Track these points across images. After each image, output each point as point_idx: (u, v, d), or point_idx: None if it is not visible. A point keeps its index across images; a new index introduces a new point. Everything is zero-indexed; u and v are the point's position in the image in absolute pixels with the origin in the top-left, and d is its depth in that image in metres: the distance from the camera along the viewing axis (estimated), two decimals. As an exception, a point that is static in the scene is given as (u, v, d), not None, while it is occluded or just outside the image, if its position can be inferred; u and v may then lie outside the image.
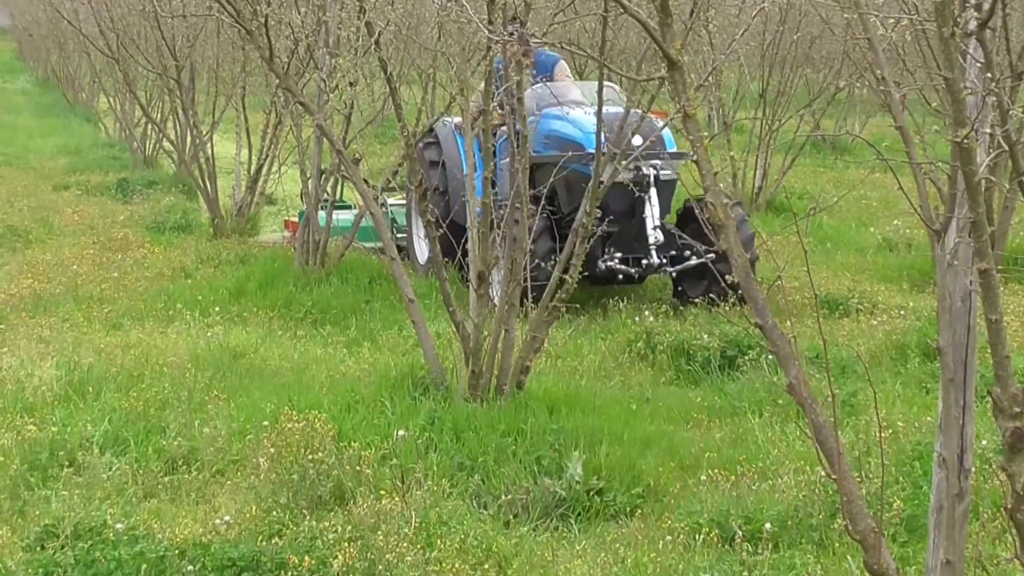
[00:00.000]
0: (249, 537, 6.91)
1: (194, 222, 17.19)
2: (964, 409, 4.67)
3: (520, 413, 8.46)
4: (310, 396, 8.97)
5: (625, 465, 7.92)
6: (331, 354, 10.82)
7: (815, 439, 4.58)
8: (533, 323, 9.02)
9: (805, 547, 6.95)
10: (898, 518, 7.06)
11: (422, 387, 8.94)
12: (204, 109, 18.67)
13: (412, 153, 9.04)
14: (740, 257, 4.58)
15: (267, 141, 16.39)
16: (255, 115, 18.54)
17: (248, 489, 7.71)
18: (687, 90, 4.54)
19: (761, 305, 4.59)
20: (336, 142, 9.82)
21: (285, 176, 16.64)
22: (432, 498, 7.28)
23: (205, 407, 8.95)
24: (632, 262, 12.55)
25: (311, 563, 6.43)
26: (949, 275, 4.59)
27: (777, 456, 8.16)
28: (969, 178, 4.06)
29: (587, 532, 7.35)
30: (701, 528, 7.06)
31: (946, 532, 4.69)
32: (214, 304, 12.25)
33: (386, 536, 6.68)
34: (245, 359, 10.54)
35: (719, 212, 4.52)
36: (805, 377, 4.57)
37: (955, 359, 4.62)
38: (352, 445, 7.83)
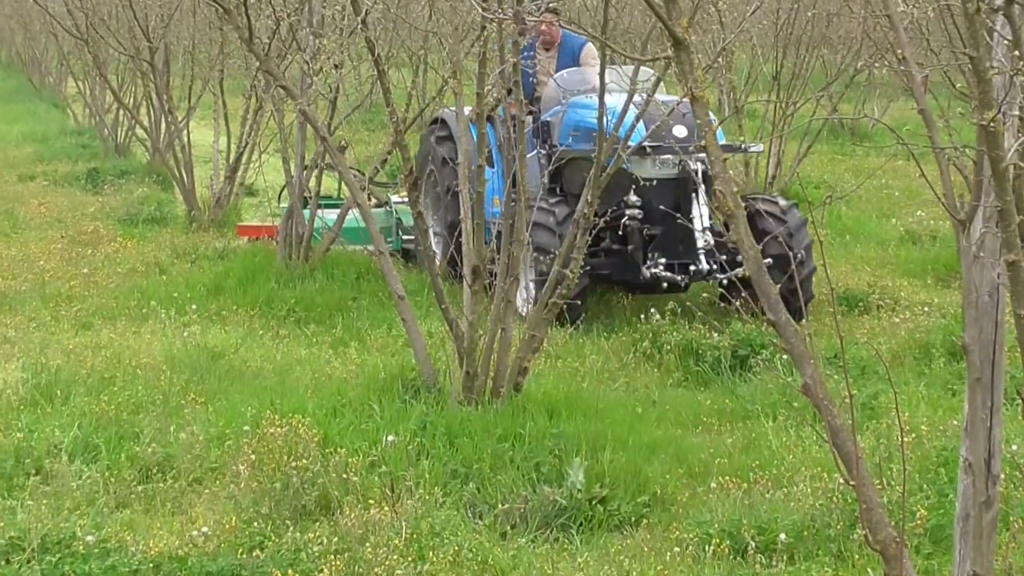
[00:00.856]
0: (228, 550, 6.91)
1: (169, 214, 17.19)
2: (992, 411, 4.67)
3: (518, 417, 8.46)
4: (293, 399, 8.97)
5: (630, 472, 7.92)
6: (316, 355, 10.82)
7: (832, 443, 4.58)
8: (531, 321, 9.02)
9: (822, 559, 6.95)
10: (922, 528, 7.06)
11: (413, 389, 8.94)
12: (179, 94, 18.66)
13: (401, 140, 9.04)
14: (751, 248, 4.59)
15: (247, 128, 16.39)
16: (234, 100, 18.53)
17: (227, 499, 7.71)
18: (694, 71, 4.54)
19: (774, 300, 4.60)
20: (321, 128, 9.82)
21: (266, 165, 16.64)
22: (424, 508, 7.28)
23: (181, 411, 8.95)
24: (679, 269, 11.93)
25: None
26: (975, 268, 4.60)
27: (792, 462, 8.16)
28: (996, 164, 4.06)
29: (589, 543, 7.35)
30: (711, 539, 7.06)
31: (973, 543, 4.69)
32: (191, 302, 12.25)
33: (375, 548, 6.68)
34: (224, 360, 10.53)
35: (729, 201, 4.53)
36: (821, 377, 4.57)
37: (982, 357, 4.63)
38: (338, 451, 7.83)
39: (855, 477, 4.55)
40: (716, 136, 4.70)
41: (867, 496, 4.56)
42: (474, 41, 9.21)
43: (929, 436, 8.28)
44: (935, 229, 15.96)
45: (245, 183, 17.19)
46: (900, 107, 23.83)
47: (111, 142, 22.50)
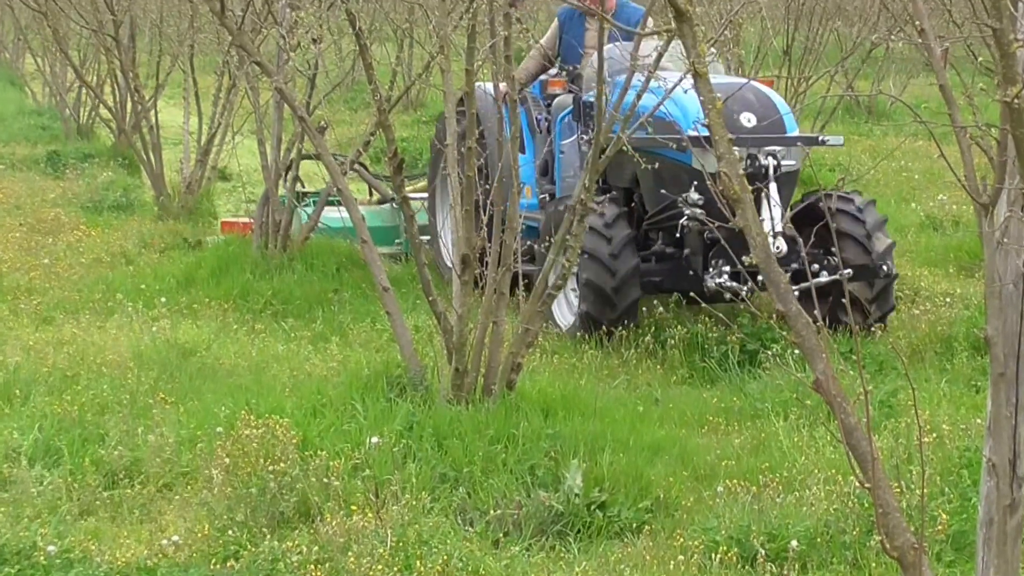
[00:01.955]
0: (201, 560, 6.93)
1: (136, 201, 17.18)
2: (1017, 408, 4.68)
3: (511, 417, 8.47)
4: (270, 399, 8.98)
5: (631, 475, 7.94)
6: (294, 351, 10.83)
7: (846, 443, 4.60)
8: (525, 314, 9.04)
9: (837, 567, 6.98)
10: (943, 534, 7.09)
11: (398, 388, 8.95)
12: (147, 71, 18.67)
13: (385, 120, 9.05)
14: (759, 236, 4.60)
15: (219, 108, 16.38)
16: (205, 78, 18.53)
17: (199, 505, 7.72)
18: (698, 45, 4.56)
19: (784, 291, 4.61)
20: (298, 108, 9.82)
21: (240, 148, 16.63)
22: (411, 514, 7.29)
23: (150, 412, 8.96)
24: (745, 278, 10.89)
25: (272, 589, 6.45)
26: (999, 255, 4.61)
27: (804, 464, 8.18)
28: (1020, 143, 4.07)
29: (588, 552, 7.37)
30: (718, 546, 7.08)
31: (997, 549, 4.71)
32: (160, 294, 12.25)
33: (358, 558, 6.70)
34: (196, 357, 10.55)
35: (735, 184, 4.54)
36: (834, 373, 4.59)
37: (1006, 351, 4.64)
38: (319, 454, 7.85)
39: (871, 479, 4.57)
40: (719, 114, 4.71)
41: (884, 500, 4.58)
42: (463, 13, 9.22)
43: (951, 436, 8.30)
44: (957, 214, 15.98)
45: (217, 167, 17.18)
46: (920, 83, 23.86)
47: (73, 123, 22.48)
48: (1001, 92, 4.01)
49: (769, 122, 11.11)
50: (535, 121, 12.83)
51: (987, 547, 4.73)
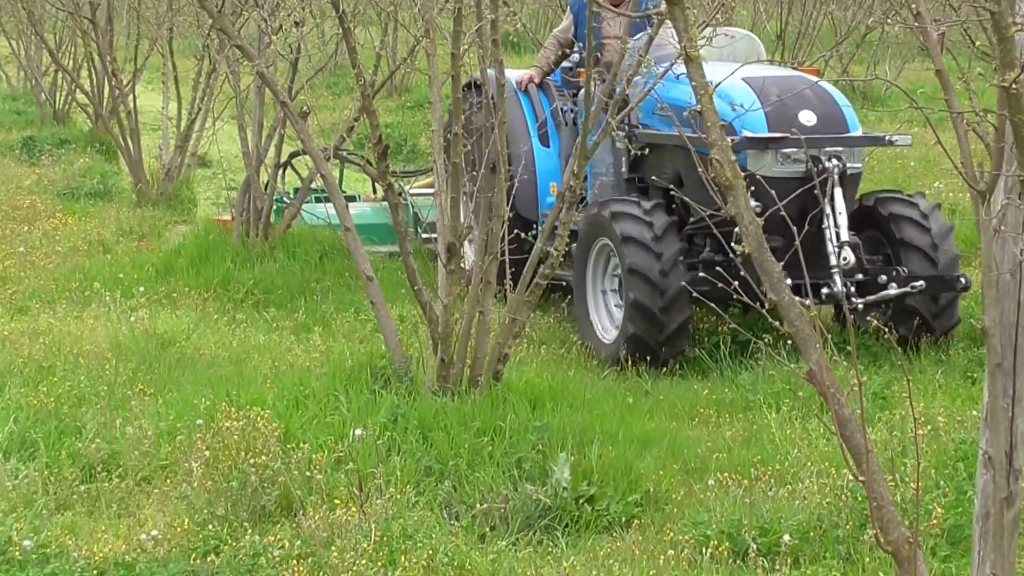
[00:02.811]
0: (180, 555, 6.92)
1: (114, 188, 17.16)
2: (1014, 400, 4.70)
3: (497, 408, 8.47)
4: (251, 390, 8.97)
5: (620, 468, 7.94)
6: (276, 341, 10.83)
7: (840, 435, 4.61)
8: (512, 304, 9.04)
9: (829, 562, 6.98)
10: (938, 528, 7.10)
11: (383, 379, 8.95)
12: (124, 55, 18.62)
13: (369, 105, 9.04)
14: (751, 223, 4.61)
15: (199, 92, 16.36)
16: (185, 62, 18.48)
17: (179, 499, 7.71)
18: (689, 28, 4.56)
19: (776, 279, 4.62)
20: (280, 93, 9.81)
21: (221, 133, 16.62)
22: (395, 508, 7.29)
23: (128, 404, 8.95)
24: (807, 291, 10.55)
25: (253, 584, 6.45)
26: (996, 243, 4.62)
27: (797, 457, 8.19)
28: (1019, 129, 4.08)
29: (576, 546, 7.37)
30: (709, 541, 7.09)
31: (993, 543, 4.72)
32: (138, 283, 12.24)
33: (341, 552, 6.70)
34: (175, 347, 10.54)
35: (727, 171, 4.55)
36: (828, 363, 4.60)
37: (1003, 341, 4.65)
38: (301, 447, 7.84)
39: (865, 472, 4.58)
40: (712, 100, 4.71)
41: (878, 493, 4.59)
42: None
43: (946, 428, 8.32)
44: (954, 202, 16.00)
45: (197, 153, 17.16)
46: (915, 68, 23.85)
47: (49, 108, 22.43)
48: (999, 77, 4.02)
49: (831, 120, 10.53)
50: (560, 112, 12.23)
51: (983, 541, 4.75)
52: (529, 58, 23.18)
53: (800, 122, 10.41)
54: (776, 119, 10.25)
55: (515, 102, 12.19)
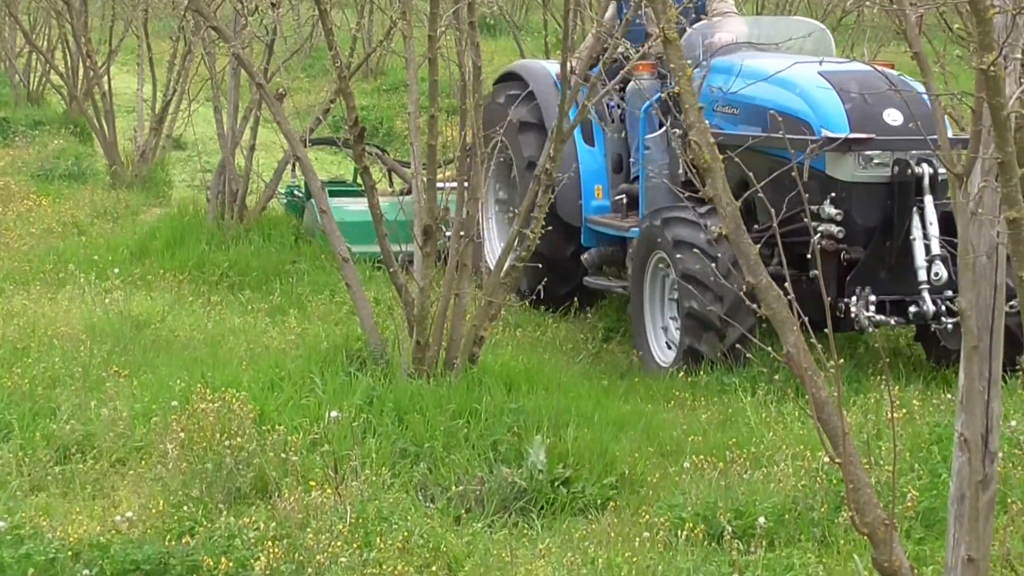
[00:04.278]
0: (155, 536, 6.90)
1: (88, 169, 17.09)
2: (990, 382, 4.71)
3: (473, 391, 8.47)
4: (227, 372, 8.95)
5: (596, 451, 7.94)
6: (251, 323, 10.81)
7: (816, 417, 4.62)
8: (488, 287, 9.03)
9: (805, 544, 7.00)
10: (913, 511, 7.13)
11: (358, 361, 8.94)
12: (99, 36, 18.53)
13: (346, 87, 9.01)
14: (729, 205, 4.61)
15: (174, 74, 16.29)
16: (160, 43, 18.41)
17: (154, 481, 7.70)
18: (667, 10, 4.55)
19: (754, 261, 4.63)
20: (256, 74, 9.78)
21: (196, 116, 16.56)
22: (370, 490, 7.29)
23: (103, 385, 8.92)
24: (893, 308, 9.51)
25: (229, 566, 6.44)
26: (973, 226, 4.63)
27: (773, 440, 8.21)
28: (996, 112, 4.08)
29: (551, 528, 7.38)
30: (684, 523, 7.10)
31: (968, 525, 4.73)
32: (113, 265, 12.19)
33: (317, 534, 6.69)
34: (150, 329, 10.50)
35: (705, 153, 4.54)
36: (805, 345, 4.61)
37: (979, 324, 4.66)
38: (276, 429, 7.83)
39: (841, 454, 4.59)
40: (691, 81, 4.71)
41: (854, 475, 4.61)
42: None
43: (921, 412, 8.35)
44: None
45: (173, 135, 17.10)
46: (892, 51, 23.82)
47: (23, 89, 22.29)
48: (977, 59, 4.02)
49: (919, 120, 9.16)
50: (606, 108, 11.24)
51: (958, 523, 4.76)
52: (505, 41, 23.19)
53: (885, 122, 9.50)
54: (858, 118, 9.38)
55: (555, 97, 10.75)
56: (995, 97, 4.07)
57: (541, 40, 20.56)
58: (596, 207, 10.90)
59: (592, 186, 11.10)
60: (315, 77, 22.73)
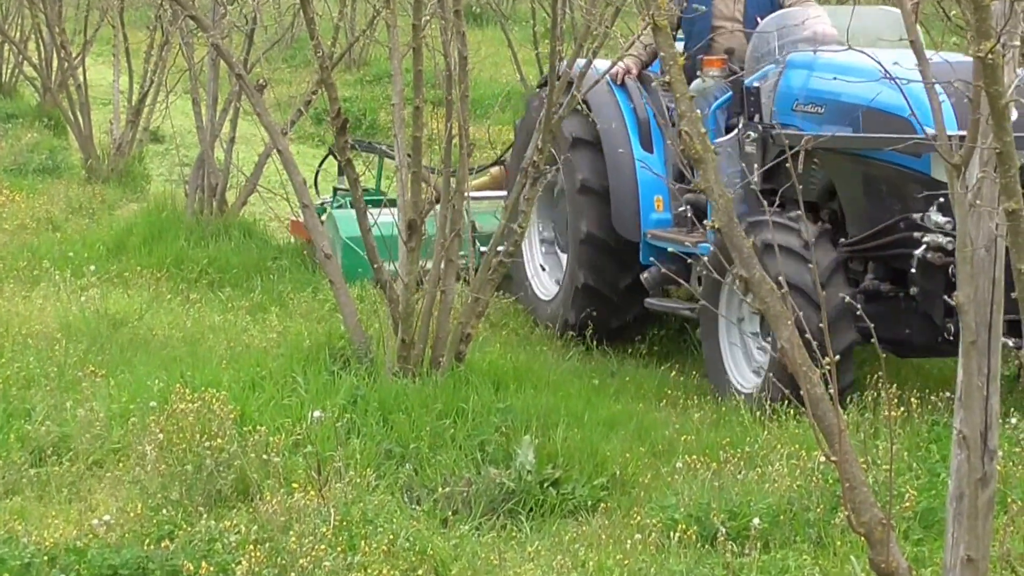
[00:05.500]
0: (134, 540, 6.91)
1: (63, 163, 17.07)
2: (988, 378, 4.72)
3: (460, 390, 8.48)
4: (206, 371, 8.96)
5: (586, 451, 7.96)
6: (231, 321, 10.80)
7: (811, 414, 4.63)
8: (475, 283, 9.05)
9: (800, 546, 7.01)
10: (911, 511, 7.14)
11: (342, 360, 8.95)
12: (74, 26, 18.50)
13: (328, 78, 9.01)
14: (722, 197, 4.62)
15: (151, 65, 16.27)
16: (136, 33, 18.39)
17: (132, 483, 7.70)
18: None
19: (747, 255, 4.64)
20: (236, 65, 9.78)
21: (174, 108, 16.55)
22: (355, 492, 7.29)
23: (79, 386, 8.91)
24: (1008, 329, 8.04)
25: (209, 570, 6.44)
26: (971, 218, 4.65)
27: (767, 439, 8.21)
28: (994, 101, 4.10)
29: (540, 531, 7.39)
30: (677, 525, 7.10)
31: (967, 524, 4.75)
32: (88, 262, 12.18)
33: (299, 537, 6.69)
34: (127, 328, 10.50)
35: (696, 143, 4.56)
36: (800, 341, 4.62)
37: (978, 319, 4.68)
38: (258, 429, 7.83)
39: (837, 452, 4.60)
40: (680, 71, 4.72)
41: (850, 473, 4.62)
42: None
43: (920, 410, 8.35)
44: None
45: (150, 128, 17.08)
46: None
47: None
48: (975, 47, 4.03)
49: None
50: (664, 111, 10.28)
51: (957, 523, 4.77)
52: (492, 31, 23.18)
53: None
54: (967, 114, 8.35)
55: (610, 99, 10.39)
56: (993, 85, 4.08)
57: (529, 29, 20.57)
58: (656, 220, 10.01)
59: (651, 197, 10.19)
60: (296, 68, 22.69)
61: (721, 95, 9.88)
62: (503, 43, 19.57)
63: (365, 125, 19.28)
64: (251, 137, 14.80)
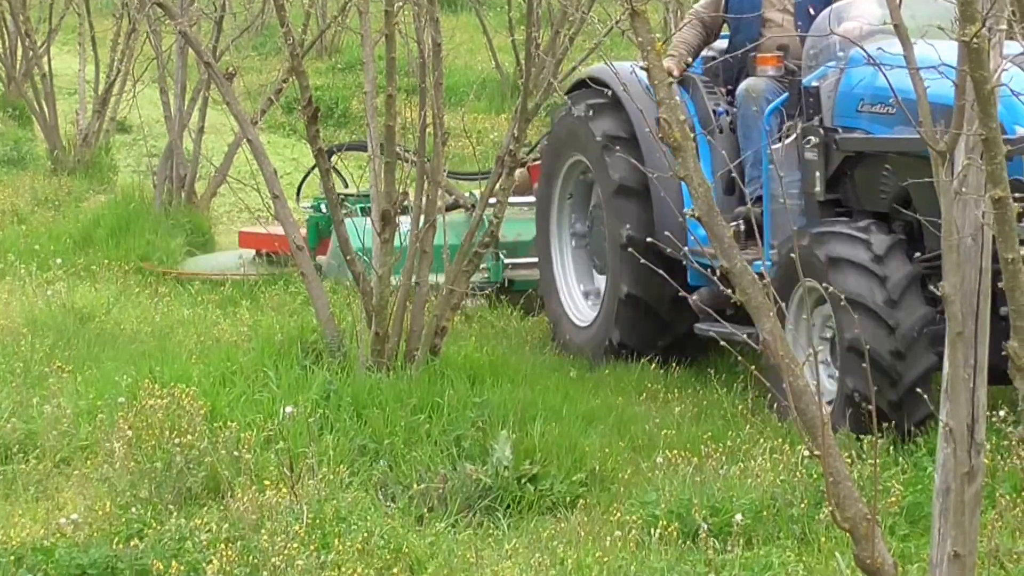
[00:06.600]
0: (102, 539, 6.89)
1: (28, 154, 17.05)
2: (975, 370, 4.72)
3: (435, 384, 8.47)
4: (176, 367, 8.94)
5: (564, 446, 7.95)
6: (201, 315, 10.79)
7: (794, 407, 4.62)
8: (450, 275, 9.03)
9: (784, 542, 7.01)
10: (897, 506, 7.15)
11: (314, 354, 8.93)
12: (38, 14, 18.46)
13: (299, 66, 8.99)
14: (701, 186, 4.61)
15: (118, 54, 16.25)
16: (103, 21, 18.34)
17: (100, 481, 7.68)
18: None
19: (728, 245, 4.63)
20: (204, 53, 9.75)
21: (141, 97, 16.51)
22: (328, 489, 7.28)
23: (45, 382, 8.91)
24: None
25: (179, 569, 6.42)
26: (956, 206, 4.64)
27: (750, 433, 8.22)
28: (980, 86, 4.09)
29: (518, 528, 7.38)
30: (657, 521, 7.10)
31: (954, 520, 4.74)
32: (55, 255, 12.17)
33: (271, 536, 6.67)
34: (94, 322, 10.49)
35: (675, 131, 4.54)
36: (782, 332, 4.61)
37: (964, 309, 4.67)
38: (229, 426, 7.83)
39: (820, 446, 4.59)
40: (660, 58, 4.71)
41: (834, 468, 4.61)
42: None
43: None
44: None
45: (117, 118, 17.05)
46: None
47: (-42, 71, 22.23)
48: (960, 31, 4.03)
49: None
50: (711, 114, 9.71)
51: (944, 517, 4.76)
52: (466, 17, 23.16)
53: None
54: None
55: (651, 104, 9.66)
56: (978, 71, 4.08)
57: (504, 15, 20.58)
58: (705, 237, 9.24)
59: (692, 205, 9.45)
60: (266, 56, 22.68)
61: (774, 97, 9.31)
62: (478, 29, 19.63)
63: (337, 114, 19.27)
64: (220, 127, 14.80)
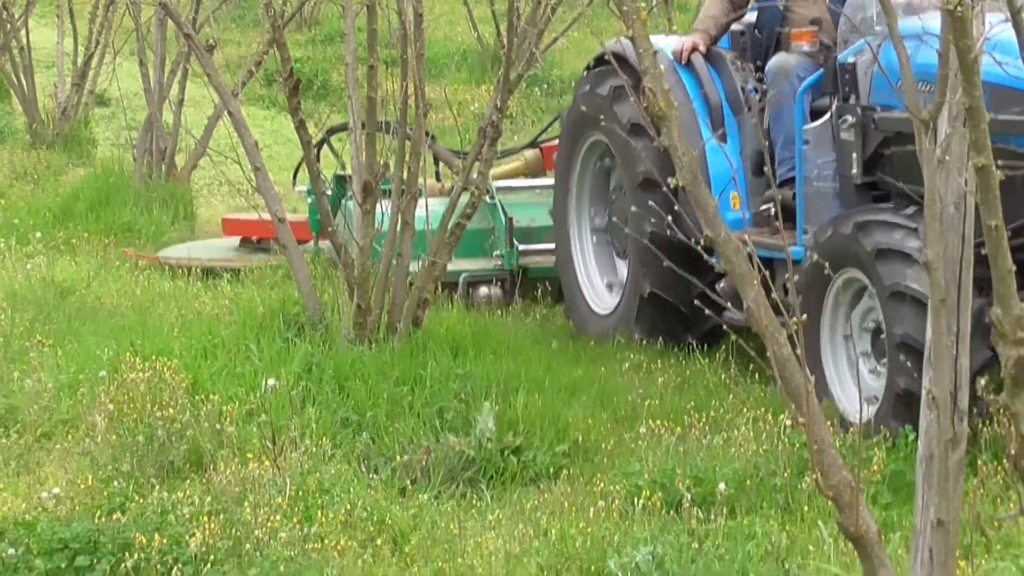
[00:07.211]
0: (84, 513, 6.89)
1: (6, 128, 16.99)
2: (958, 337, 4.73)
3: (417, 356, 8.48)
4: (157, 340, 8.94)
5: (547, 418, 7.97)
6: (182, 288, 10.79)
7: (778, 376, 4.63)
8: (433, 246, 9.03)
9: (767, 512, 7.03)
10: (879, 475, 7.17)
11: (296, 327, 8.94)
12: (16, -14, 18.38)
13: (279, 38, 8.97)
14: (686, 155, 4.61)
15: (96, 26, 16.19)
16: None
17: (82, 455, 7.68)
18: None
19: (712, 214, 4.63)
20: (184, 25, 9.73)
21: (120, 70, 16.48)
22: (310, 461, 7.30)
23: (26, 356, 8.90)
24: None
25: (162, 543, 6.42)
26: (939, 174, 4.64)
27: (733, 403, 8.24)
28: (963, 54, 4.09)
29: (501, 499, 7.39)
30: (641, 491, 7.12)
31: (937, 487, 4.75)
32: (34, 229, 12.15)
33: (254, 508, 6.69)
34: (75, 296, 10.48)
35: (660, 100, 4.54)
36: (766, 301, 4.62)
37: (947, 276, 4.68)
38: (211, 399, 7.84)
39: (805, 414, 4.60)
40: (644, 26, 4.70)
41: (818, 435, 4.62)
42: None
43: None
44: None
45: (96, 91, 17.01)
46: None
47: (-65, 44, 22.14)
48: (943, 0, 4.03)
49: None
50: (739, 92, 9.41)
51: (927, 485, 4.77)
52: (448, -11, 23.07)
53: None
54: None
55: (675, 82, 9.20)
56: (962, 39, 4.08)
57: (486, -14, 20.51)
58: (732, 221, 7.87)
59: (726, 193, 9.10)
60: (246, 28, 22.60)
61: (806, 74, 8.96)
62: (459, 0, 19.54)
63: (317, 86, 19.23)
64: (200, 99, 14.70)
